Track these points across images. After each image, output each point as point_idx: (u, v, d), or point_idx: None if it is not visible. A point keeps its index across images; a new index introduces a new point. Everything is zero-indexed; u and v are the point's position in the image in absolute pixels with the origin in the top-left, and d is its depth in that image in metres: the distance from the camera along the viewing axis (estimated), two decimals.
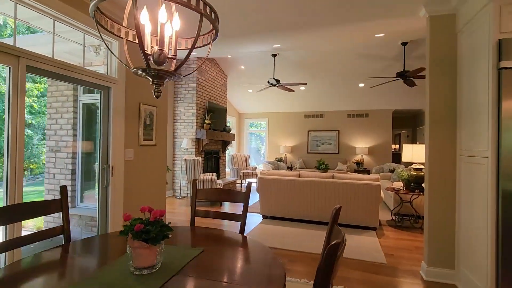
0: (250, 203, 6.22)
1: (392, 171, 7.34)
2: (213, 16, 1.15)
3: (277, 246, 3.53)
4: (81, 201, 3.95)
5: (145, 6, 1.10)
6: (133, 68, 1.13)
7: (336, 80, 8.30)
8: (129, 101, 3.16)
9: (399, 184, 5.06)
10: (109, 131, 2.93)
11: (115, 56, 1.49)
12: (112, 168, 2.94)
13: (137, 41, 1.10)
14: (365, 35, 4.30)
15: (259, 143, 11.92)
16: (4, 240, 1.86)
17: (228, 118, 10.52)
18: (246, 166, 9.38)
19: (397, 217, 4.72)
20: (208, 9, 1.11)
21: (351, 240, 3.80)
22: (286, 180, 4.68)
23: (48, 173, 4.02)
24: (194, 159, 5.69)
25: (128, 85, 3.14)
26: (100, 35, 1.22)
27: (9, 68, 2.03)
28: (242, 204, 2.10)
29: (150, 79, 1.16)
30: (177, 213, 5.25)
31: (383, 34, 4.28)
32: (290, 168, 10.09)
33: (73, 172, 3.89)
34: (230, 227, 4.31)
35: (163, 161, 3.76)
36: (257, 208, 5.46)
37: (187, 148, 6.79)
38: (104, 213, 2.92)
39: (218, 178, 7.96)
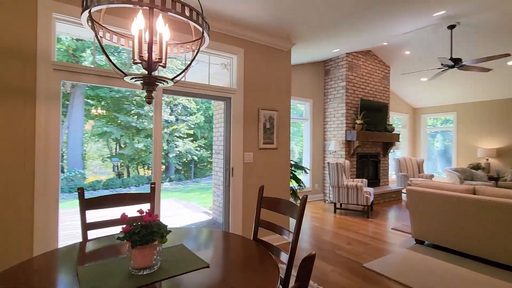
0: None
1: None
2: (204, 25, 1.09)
3: None
4: None
5: (135, 17, 1.16)
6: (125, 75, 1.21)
7: None
8: (248, 107, 3.42)
9: None
10: (230, 136, 3.31)
11: (113, 64, 1.66)
12: (232, 169, 3.29)
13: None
14: None
15: (447, 143, 9.25)
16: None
17: (397, 115, 8.98)
18: (419, 173, 7.59)
19: None
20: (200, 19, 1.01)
21: None
22: (449, 197, 3.35)
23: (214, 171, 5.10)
24: (337, 163, 5.30)
25: (247, 93, 3.41)
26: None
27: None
28: None
29: (141, 85, 1.21)
30: (317, 218, 5.08)
31: None
32: (496, 179, 7.14)
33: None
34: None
35: (285, 164, 3.77)
36: (408, 227, 4.28)
37: (335, 151, 6.44)
38: (227, 210, 3.32)
39: (377, 185, 6.97)
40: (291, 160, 5.37)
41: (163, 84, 1.26)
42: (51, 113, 2.27)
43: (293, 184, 5.10)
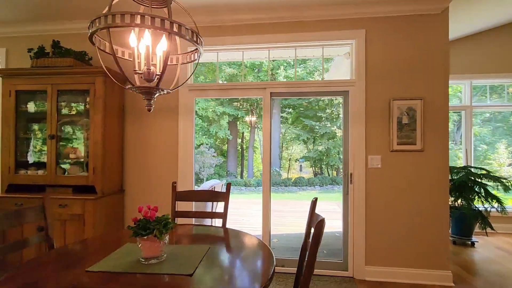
0: None
1: None
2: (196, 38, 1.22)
3: None
4: None
5: (132, 31, 1.34)
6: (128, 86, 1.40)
7: None
8: (372, 100, 2.76)
9: None
10: (348, 135, 2.82)
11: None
12: (351, 175, 2.78)
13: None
14: None
15: None
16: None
17: None
18: None
19: None
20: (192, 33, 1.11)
21: None
22: None
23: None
24: None
25: (371, 83, 2.76)
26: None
27: (262, 98, 2.92)
28: None
29: (142, 96, 1.36)
30: None
31: None
32: None
33: None
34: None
35: (439, 172, 2.66)
36: None
37: None
38: (346, 220, 2.84)
39: None
40: (480, 168, 3.70)
41: (162, 93, 1.36)
42: (187, 124, 2.99)
43: (479, 203, 3.49)
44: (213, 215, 2.12)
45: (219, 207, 4.67)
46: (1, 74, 2.78)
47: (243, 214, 6.69)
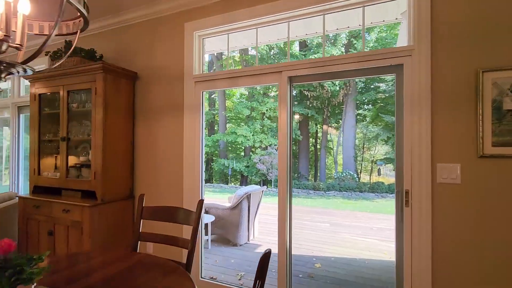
0: None
1: None
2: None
3: None
4: None
5: None
6: None
7: None
8: (444, 74, 1.73)
9: None
10: (403, 132, 1.86)
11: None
12: (407, 193, 1.81)
13: None
14: None
15: None
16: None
17: None
18: None
19: None
20: None
21: None
22: None
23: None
24: None
25: (441, 49, 1.74)
26: None
27: (278, 84, 2.23)
28: None
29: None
30: None
31: None
32: None
33: None
34: None
35: None
36: None
37: None
38: (400, 258, 1.88)
39: None
40: None
41: (15, 72, 0.89)
42: (193, 122, 2.53)
43: None
44: (179, 242, 1.57)
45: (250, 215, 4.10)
46: (27, 79, 2.89)
47: (300, 225, 5.87)
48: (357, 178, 13.47)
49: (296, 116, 14.57)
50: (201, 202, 1.55)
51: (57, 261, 1.40)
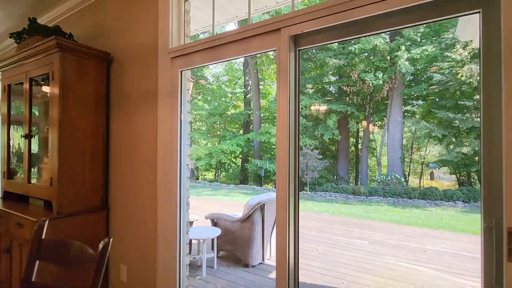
0: None
1: None
2: None
3: None
4: None
5: None
6: None
7: None
8: None
9: None
10: (491, 116, 0.98)
11: None
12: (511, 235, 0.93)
13: None
14: None
15: None
16: None
17: None
18: None
19: None
20: None
21: None
22: None
23: None
24: None
25: None
26: None
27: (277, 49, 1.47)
28: None
29: None
30: None
31: None
32: None
33: None
34: None
35: None
36: None
37: None
38: None
39: None
40: None
41: None
42: (172, 111, 1.89)
43: None
44: None
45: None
46: None
47: (326, 240, 4.91)
48: (404, 182, 11.86)
49: (322, 108, 13.31)
50: (105, 246, 0.88)
51: None
